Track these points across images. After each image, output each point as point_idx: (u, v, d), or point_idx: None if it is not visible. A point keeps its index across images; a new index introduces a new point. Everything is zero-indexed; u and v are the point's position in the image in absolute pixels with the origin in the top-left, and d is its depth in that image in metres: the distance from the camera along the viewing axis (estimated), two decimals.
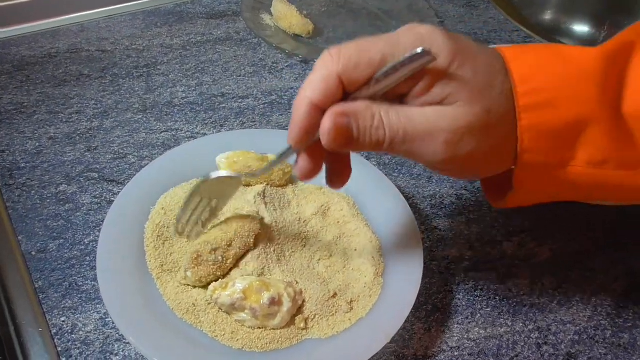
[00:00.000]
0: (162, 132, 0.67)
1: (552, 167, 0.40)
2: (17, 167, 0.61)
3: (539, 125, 0.38)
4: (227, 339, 0.47)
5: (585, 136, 0.39)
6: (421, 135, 0.38)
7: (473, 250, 0.59)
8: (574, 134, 0.39)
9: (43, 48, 0.76)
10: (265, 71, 0.77)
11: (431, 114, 0.38)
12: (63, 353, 0.47)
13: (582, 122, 0.38)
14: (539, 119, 0.38)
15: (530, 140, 0.39)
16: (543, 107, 0.38)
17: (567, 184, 0.41)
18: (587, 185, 0.41)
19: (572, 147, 0.39)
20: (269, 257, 0.51)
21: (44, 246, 0.54)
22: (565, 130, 0.39)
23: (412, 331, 0.52)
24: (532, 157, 0.39)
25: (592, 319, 0.54)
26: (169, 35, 0.81)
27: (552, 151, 0.39)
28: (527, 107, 0.38)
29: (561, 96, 0.38)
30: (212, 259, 0.48)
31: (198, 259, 0.48)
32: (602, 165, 0.40)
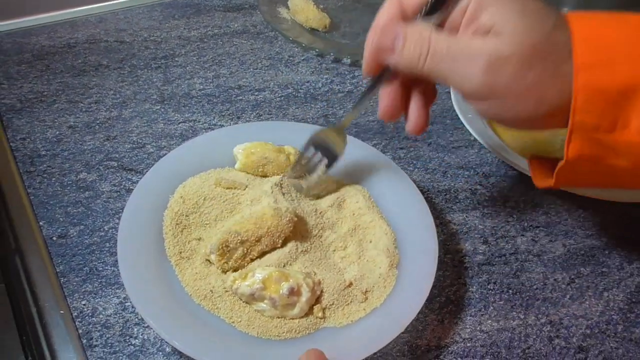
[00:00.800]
0: (180, 123, 0.67)
1: (604, 130, 0.39)
2: (37, 154, 0.62)
3: (595, 84, 0.38)
4: (244, 326, 0.47)
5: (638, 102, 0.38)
6: (463, 55, 0.40)
7: (487, 244, 0.59)
8: (630, 97, 0.38)
9: (62, 38, 0.77)
10: (282, 64, 0.78)
11: (476, 39, 0.40)
12: (84, 335, 0.48)
13: (638, 85, 0.38)
14: (595, 78, 0.38)
15: (584, 99, 0.38)
16: (601, 66, 0.38)
17: (617, 157, 0.40)
18: (638, 157, 0.40)
19: (626, 110, 0.38)
20: (289, 251, 0.51)
21: (64, 232, 0.55)
22: (621, 91, 0.38)
23: (425, 322, 0.52)
24: (584, 117, 0.39)
25: (604, 314, 0.55)
26: (186, 27, 0.82)
27: (605, 112, 0.38)
28: (584, 66, 0.38)
29: (619, 56, 0.38)
30: (238, 251, 0.50)
31: (225, 248, 0.49)
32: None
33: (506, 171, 0.66)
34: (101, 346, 0.48)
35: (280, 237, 0.51)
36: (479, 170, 0.66)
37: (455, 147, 0.69)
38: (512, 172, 0.66)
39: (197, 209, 0.53)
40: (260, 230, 0.50)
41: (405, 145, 0.68)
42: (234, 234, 0.49)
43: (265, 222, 0.50)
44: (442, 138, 0.69)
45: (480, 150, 0.68)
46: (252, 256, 0.50)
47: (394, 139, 0.69)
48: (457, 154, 0.68)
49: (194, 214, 0.53)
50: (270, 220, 0.50)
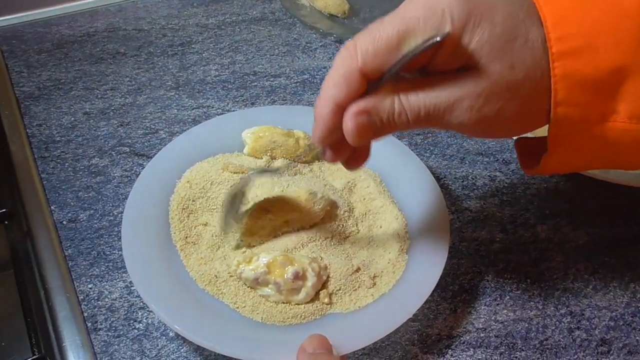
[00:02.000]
0: (194, 109, 0.67)
1: (589, 122, 0.36)
2: (52, 140, 0.62)
3: (575, 74, 0.35)
4: (248, 311, 0.47)
5: (627, 86, 0.35)
6: (443, 107, 0.37)
7: (505, 232, 0.57)
8: (614, 84, 0.35)
9: (82, 27, 0.78)
10: (299, 51, 0.77)
11: (451, 84, 0.36)
12: (89, 318, 0.48)
13: (623, 70, 0.35)
14: (575, 66, 0.35)
15: (565, 91, 0.35)
16: (579, 53, 0.35)
17: (607, 143, 0.37)
18: (630, 144, 0.37)
19: (612, 99, 0.35)
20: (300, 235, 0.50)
21: (74, 216, 0.55)
22: (604, 79, 0.35)
23: (437, 311, 0.50)
24: (567, 111, 0.36)
25: (629, 305, 0.52)
26: (204, 14, 0.82)
27: (589, 104, 0.35)
28: (561, 54, 0.35)
29: (600, 41, 0.34)
30: (265, 230, 0.50)
31: (254, 224, 0.49)
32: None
33: None
34: (105, 329, 0.47)
35: (309, 223, 0.51)
36: (499, 157, 0.64)
37: None
38: None
39: (204, 193, 0.53)
40: (292, 213, 0.50)
41: (423, 132, 0.66)
42: (264, 212, 0.49)
43: (298, 205, 0.50)
44: None
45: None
46: (277, 235, 0.50)
47: None
48: (476, 140, 0.65)
49: (200, 199, 0.52)
50: (303, 204, 0.50)
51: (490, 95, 0.36)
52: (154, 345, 0.47)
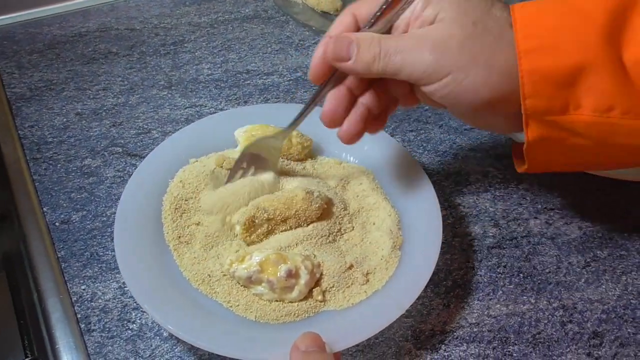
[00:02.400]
0: (186, 108, 0.67)
1: (556, 113, 0.40)
2: (44, 141, 0.62)
3: (540, 69, 0.39)
4: (242, 310, 0.47)
5: (588, 82, 0.39)
6: (410, 45, 0.42)
7: (497, 227, 0.57)
8: (576, 79, 0.39)
9: (74, 27, 0.78)
10: (292, 48, 0.77)
11: (421, 30, 0.42)
12: (82, 320, 0.48)
13: (584, 67, 0.38)
14: (540, 62, 0.39)
15: (531, 85, 0.39)
16: (543, 50, 0.39)
17: (576, 137, 0.41)
18: (598, 135, 0.40)
19: (575, 92, 0.39)
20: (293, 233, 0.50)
21: (67, 217, 0.55)
22: (566, 74, 0.39)
23: (430, 306, 0.51)
24: (535, 103, 0.40)
25: (621, 298, 0.52)
26: (197, 13, 0.82)
27: (554, 96, 0.39)
28: (527, 51, 0.39)
29: (562, 40, 0.39)
30: (263, 227, 0.50)
31: (251, 223, 0.49)
32: (608, 112, 0.39)
33: None
34: (99, 330, 0.48)
35: (307, 221, 0.51)
36: (492, 153, 0.64)
37: (467, 128, 0.66)
38: None
39: (197, 193, 0.52)
40: (288, 212, 0.50)
41: (416, 128, 0.66)
42: (262, 211, 0.49)
43: (295, 204, 0.50)
44: (454, 120, 0.67)
45: (494, 132, 0.66)
46: (275, 234, 0.50)
47: (404, 122, 0.67)
48: (469, 135, 0.66)
49: (193, 199, 0.52)
50: (300, 203, 0.50)
51: (450, 40, 0.41)
52: (148, 346, 0.47)
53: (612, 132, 0.40)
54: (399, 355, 0.48)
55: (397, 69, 0.42)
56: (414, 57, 0.41)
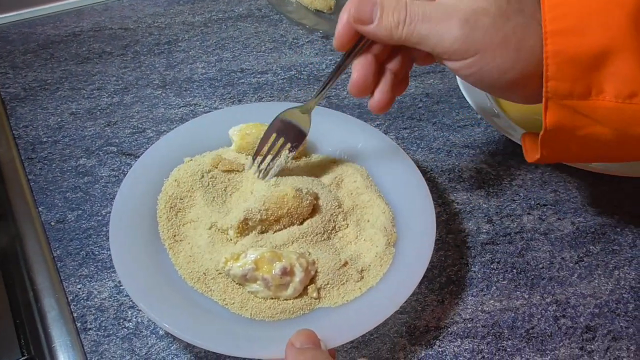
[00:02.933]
0: (181, 107, 0.67)
1: (578, 96, 0.39)
2: (39, 141, 0.62)
3: (565, 51, 0.38)
4: (237, 308, 0.47)
5: (613, 66, 0.38)
6: (439, 14, 0.40)
7: (491, 223, 0.57)
8: (601, 63, 0.38)
9: (68, 27, 0.78)
10: (286, 47, 0.77)
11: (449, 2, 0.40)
12: (78, 319, 0.48)
13: (610, 50, 0.38)
14: (565, 44, 0.38)
15: (556, 66, 0.38)
16: (570, 33, 0.38)
17: (596, 125, 0.40)
18: (618, 123, 0.39)
19: (598, 77, 0.38)
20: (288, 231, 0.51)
21: (62, 217, 0.55)
22: (592, 57, 0.38)
23: (424, 303, 0.51)
24: (557, 85, 0.39)
25: (614, 292, 0.53)
26: (190, 12, 0.82)
27: (578, 79, 0.38)
28: (554, 32, 0.38)
29: (590, 23, 0.38)
30: (257, 229, 0.50)
31: (244, 225, 0.49)
32: (631, 99, 0.38)
33: (514, 149, 0.64)
34: (95, 329, 0.48)
35: (299, 219, 0.51)
36: (485, 149, 0.64)
37: (461, 125, 0.67)
38: (519, 150, 0.64)
39: (192, 192, 0.53)
40: (281, 211, 0.50)
41: (409, 125, 0.67)
42: (255, 213, 0.49)
43: (287, 203, 0.50)
44: (447, 117, 0.68)
45: (487, 129, 0.66)
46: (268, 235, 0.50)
47: (398, 119, 0.67)
48: (462, 132, 0.66)
49: (188, 197, 0.52)
50: (291, 201, 0.50)
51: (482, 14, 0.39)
52: (144, 344, 0.47)
53: (633, 119, 0.39)
54: (394, 351, 0.48)
55: (422, 39, 0.41)
56: (442, 28, 0.40)
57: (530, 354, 0.48)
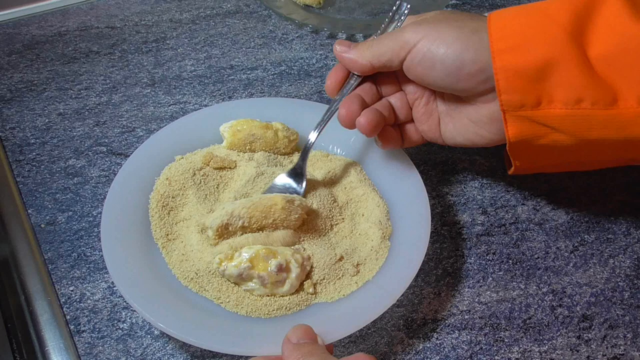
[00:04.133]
0: (170, 105, 0.66)
1: (531, 106, 0.43)
2: (27, 143, 0.61)
3: (511, 66, 0.42)
4: (232, 306, 0.46)
5: (557, 76, 0.42)
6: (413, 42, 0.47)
7: (486, 214, 0.57)
8: (545, 74, 0.42)
9: (53, 27, 0.77)
10: (275, 42, 0.76)
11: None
12: (71, 321, 0.48)
13: (552, 62, 0.42)
14: (511, 60, 0.43)
15: (504, 80, 0.43)
16: (514, 49, 0.43)
17: (554, 132, 0.43)
18: (572, 128, 0.43)
19: (545, 87, 0.42)
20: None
21: (53, 219, 0.55)
22: (536, 69, 0.42)
23: (421, 295, 0.51)
24: (509, 98, 0.43)
25: (609, 281, 0.53)
26: (178, 9, 0.81)
27: (527, 90, 0.42)
28: (500, 51, 0.43)
29: (531, 39, 0.43)
30: (237, 235, 0.48)
31: (224, 229, 0.48)
32: (579, 104, 0.42)
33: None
34: (89, 331, 0.47)
35: (284, 235, 0.49)
36: None
37: None
38: None
39: (184, 190, 0.52)
40: (265, 221, 0.48)
41: None
42: (237, 218, 0.48)
43: (273, 213, 0.48)
44: None
45: None
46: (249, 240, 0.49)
47: None
48: None
49: (180, 196, 0.52)
50: (279, 212, 0.48)
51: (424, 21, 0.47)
52: (139, 345, 0.47)
53: (586, 124, 0.43)
54: (392, 344, 0.48)
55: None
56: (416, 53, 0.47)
57: (528, 343, 0.48)
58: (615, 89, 0.42)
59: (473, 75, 0.45)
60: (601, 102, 0.42)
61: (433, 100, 0.51)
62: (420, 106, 0.51)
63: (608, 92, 0.42)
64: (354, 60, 0.49)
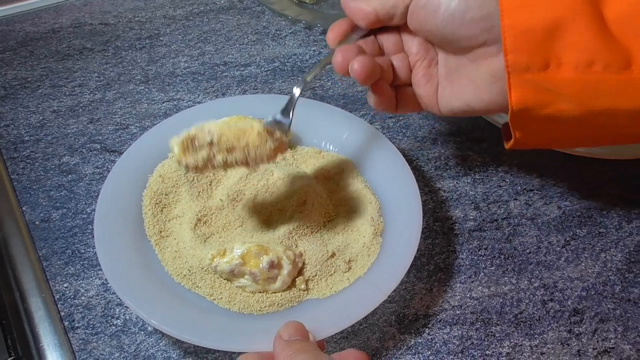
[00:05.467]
0: (164, 102, 0.66)
1: (537, 69, 0.40)
2: (21, 140, 0.62)
3: (520, 24, 0.39)
4: (225, 303, 0.47)
5: (567, 37, 0.39)
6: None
7: (478, 210, 0.58)
8: (555, 34, 0.39)
9: (47, 24, 0.77)
10: (269, 38, 0.76)
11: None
12: (66, 317, 0.48)
13: (561, 22, 0.39)
14: (519, 18, 0.40)
15: (512, 38, 0.40)
16: (524, 7, 0.40)
17: (561, 100, 0.40)
18: (581, 95, 0.40)
19: (554, 48, 0.40)
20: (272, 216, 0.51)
21: (47, 216, 0.55)
22: (544, 29, 0.39)
23: (413, 291, 0.51)
24: (516, 58, 0.40)
25: (600, 275, 0.53)
26: (171, 6, 0.81)
27: (534, 51, 0.40)
28: (508, 8, 0.40)
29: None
30: (202, 151, 0.44)
31: (190, 142, 0.44)
32: (590, 67, 0.39)
33: (499, 135, 0.64)
34: (83, 327, 0.47)
35: (256, 162, 0.45)
36: (471, 136, 0.64)
37: None
38: None
39: (177, 187, 0.52)
40: (237, 142, 0.44)
41: (395, 115, 0.66)
42: (206, 132, 0.44)
43: (246, 137, 0.44)
44: None
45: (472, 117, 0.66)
46: (216, 163, 0.44)
47: None
48: (447, 120, 0.66)
49: (173, 193, 0.52)
50: (252, 137, 0.44)
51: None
52: (133, 341, 0.47)
53: (596, 90, 0.40)
54: (383, 340, 0.48)
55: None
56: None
57: (519, 338, 0.49)
58: (631, 52, 0.39)
59: (477, 21, 0.43)
60: (614, 66, 0.39)
61: (434, 65, 0.49)
62: (421, 69, 0.49)
63: (622, 55, 0.39)
64: (358, 7, 0.47)
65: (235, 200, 0.51)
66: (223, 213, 0.51)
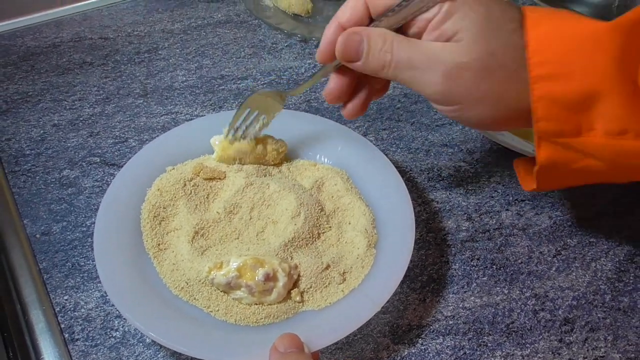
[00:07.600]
0: (162, 116, 0.68)
1: (568, 134, 0.40)
2: (22, 154, 0.63)
3: (551, 95, 0.39)
4: (222, 314, 0.48)
5: (601, 107, 0.39)
6: (423, 63, 0.41)
7: (470, 220, 0.59)
8: (588, 105, 0.39)
9: (47, 38, 0.78)
10: (265, 52, 0.78)
11: (437, 47, 0.41)
12: (66, 330, 0.49)
13: (596, 93, 0.38)
14: (551, 89, 0.39)
15: (544, 109, 0.39)
16: (555, 78, 0.39)
17: (589, 158, 0.41)
18: (611, 156, 0.40)
19: (587, 116, 0.39)
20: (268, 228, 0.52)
21: (47, 229, 0.56)
22: (577, 101, 0.39)
23: (406, 302, 0.52)
24: (547, 126, 0.40)
25: (591, 284, 0.54)
26: (170, 20, 0.82)
27: (566, 120, 0.39)
28: (539, 78, 0.39)
29: (572, 67, 0.39)
30: None
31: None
32: (622, 135, 0.39)
33: (491, 146, 0.65)
34: (82, 340, 0.48)
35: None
36: (463, 147, 0.65)
37: (439, 125, 0.68)
38: (496, 147, 0.65)
39: (175, 201, 0.53)
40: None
41: (388, 126, 0.68)
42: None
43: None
44: (425, 117, 0.69)
45: (465, 127, 0.68)
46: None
47: (377, 120, 0.68)
48: (440, 132, 0.67)
49: (171, 206, 0.53)
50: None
51: (465, 70, 0.41)
52: (132, 353, 0.48)
53: (626, 153, 0.40)
54: (377, 351, 0.49)
55: (407, 83, 0.43)
56: (425, 79, 0.42)
57: (511, 348, 0.50)
58: None
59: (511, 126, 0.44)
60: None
61: None
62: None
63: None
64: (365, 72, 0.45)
65: (232, 212, 0.53)
66: (220, 226, 0.52)
